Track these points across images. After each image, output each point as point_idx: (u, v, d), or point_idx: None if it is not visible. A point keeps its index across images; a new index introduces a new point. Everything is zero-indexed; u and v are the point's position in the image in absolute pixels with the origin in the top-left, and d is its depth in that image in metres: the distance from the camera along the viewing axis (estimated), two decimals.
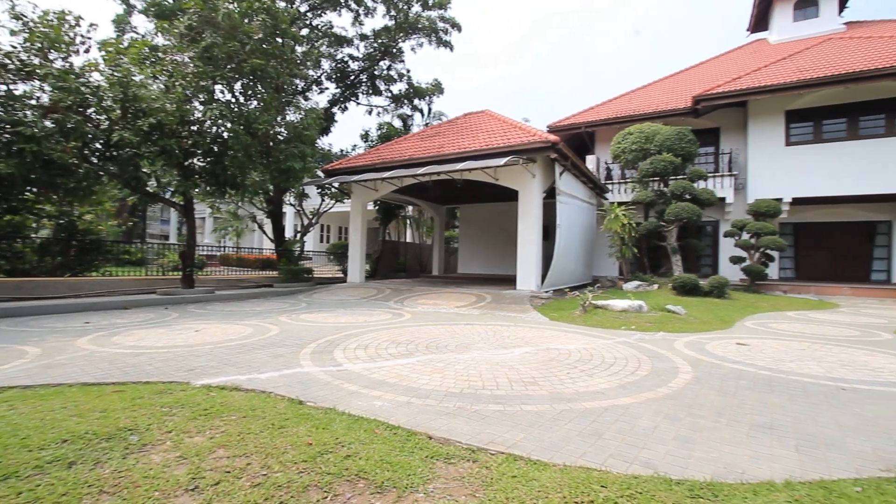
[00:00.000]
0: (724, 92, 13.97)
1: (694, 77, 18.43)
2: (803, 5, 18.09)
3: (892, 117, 13.16)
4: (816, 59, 14.01)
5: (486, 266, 20.57)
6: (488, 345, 5.65)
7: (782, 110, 14.15)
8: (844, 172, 13.20)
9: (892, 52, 12.74)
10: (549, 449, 2.62)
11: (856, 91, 13.15)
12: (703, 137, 15.47)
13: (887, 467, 2.45)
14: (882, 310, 10.19)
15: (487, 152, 11.05)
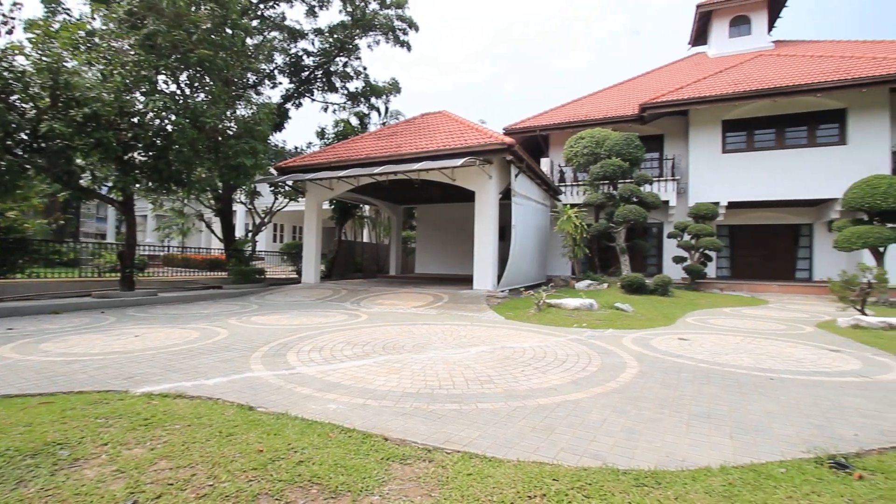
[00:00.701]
0: (668, 101, 14.76)
1: (641, 86, 19.35)
2: (737, 23, 19.44)
3: (812, 129, 14.41)
4: (748, 74, 15.09)
5: (444, 266, 20.66)
6: (445, 344, 5.68)
7: (719, 120, 15.13)
8: (773, 179, 14.31)
9: (813, 71, 13.93)
10: (503, 445, 2.67)
11: (782, 104, 14.28)
12: (649, 143, 16.27)
13: (808, 449, 2.68)
14: (805, 305, 11.12)
15: (445, 153, 11.10)
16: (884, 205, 10.74)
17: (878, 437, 2.89)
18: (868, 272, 8.27)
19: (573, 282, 13.96)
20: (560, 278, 15.58)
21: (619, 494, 2.11)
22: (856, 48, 16.69)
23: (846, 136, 13.85)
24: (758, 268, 15.88)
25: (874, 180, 11.11)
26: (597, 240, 14.66)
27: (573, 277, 14.90)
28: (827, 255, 14.48)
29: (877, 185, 10.95)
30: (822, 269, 14.62)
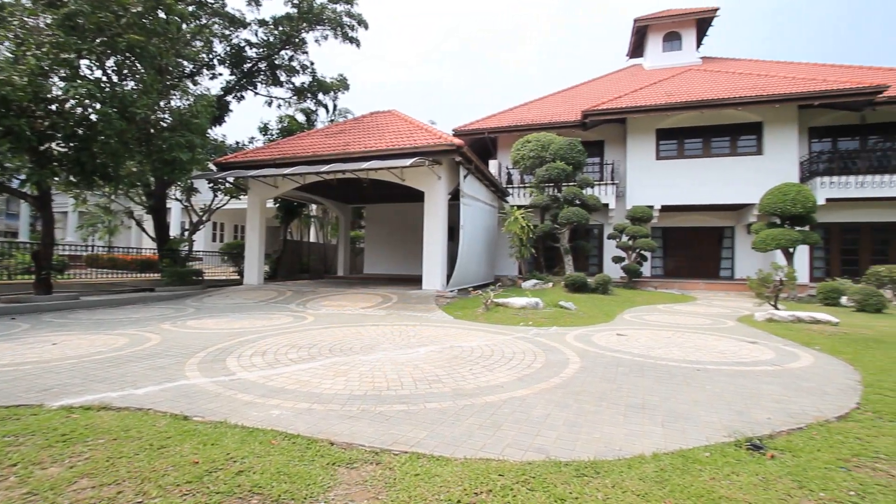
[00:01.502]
0: (607, 109, 15.53)
1: (583, 93, 20.21)
2: (670, 38, 20.80)
3: (734, 140, 15.69)
4: (679, 86, 16.19)
5: (393, 266, 20.51)
6: (394, 345, 5.65)
7: (654, 129, 16.12)
8: (700, 185, 15.44)
9: (734, 87, 15.17)
10: (451, 444, 2.70)
11: (709, 116, 15.44)
12: (591, 148, 17.03)
13: (729, 434, 2.91)
14: (728, 301, 12.08)
15: (394, 152, 11.03)
16: (793, 210, 11.91)
17: (788, 419, 3.20)
18: (780, 271, 9.13)
19: (520, 281, 14.33)
20: (507, 278, 15.94)
21: (562, 486, 2.19)
22: (770, 68, 18.38)
23: (762, 146, 15.20)
24: (687, 267, 17.06)
25: (785, 187, 12.28)
26: (542, 240, 15.14)
27: (520, 277, 15.30)
28: (746, 255, 15.82)
29: (787, 191, 12.12)
30: (742, 269, 15.95)
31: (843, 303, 10.57)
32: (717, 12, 19.57)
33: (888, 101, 13.74)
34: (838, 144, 15.64)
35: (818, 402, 3.60)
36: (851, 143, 15.56)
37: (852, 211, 14.82)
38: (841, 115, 15.11)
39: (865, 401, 3.61)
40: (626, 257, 14.76)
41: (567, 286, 12.15)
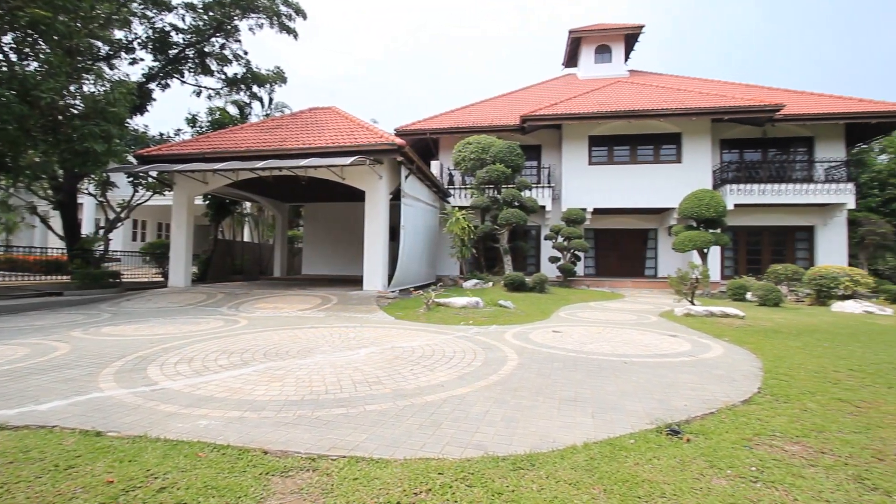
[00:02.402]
0: (544, 115, 16.16)
1: (523, 98, 20.87)
2: (601, 50, 22.03)
3: (657, 149, 16.91)
4: (610, 96, 17.20)
5: (333, 267, 20.02)
6: (333, 347, 5.52)
7: (586, 135, 16.99)
8: (628, 189, 16.48)
9: (658, 99, 16.36)
10: (391, 446, 2.69)
11: (635, 125, 16.53)
12: (529, 152, 17.62)
13: (651, 421, 3.14)
14: (652, 298, 12.99)
15: (334, 150, 10.78)
16: (707, 214, 13.05)
17: (701, 405, 3.50)
18: (696, 270, 9.97)
19: (461, 281, 14.53)
20: (449, 278, 16.10)
21: (499, 480, 2.26)
22: (688, 83, 20.01)
23: (681, 155, 16.52)
24: (616, 266, 18.14)
25: (700, 193, 13.44)
26: (483, 241, 15.44)
27: (461, 277, 15.51)
28: (668, 255, 17.09)
29: (702, 197, 13.27)
30: (664, 267, 17.22)
31: (749, 298, 11.73)
32: (643, 29, 20.98)
33: (784, 119, 15.46)
34: (745, 155, 17.35)
35: (727, 388, 3.97)
36: (755, 154, 17.32)
37: (756, 215, 16.49)
38: (747, 129, 16.76)
39: (765, 385, 4.04)
40: (561, 257, 15.42)
41: (506, 285, 12.48)
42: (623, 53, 21.89)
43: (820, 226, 16.26)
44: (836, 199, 15.34)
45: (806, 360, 4.98)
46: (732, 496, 2.14)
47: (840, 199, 15.31)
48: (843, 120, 15.74)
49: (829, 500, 2.12)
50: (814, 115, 15.64)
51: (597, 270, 18.19)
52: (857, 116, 15.54)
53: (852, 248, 16.14)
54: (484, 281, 13.75)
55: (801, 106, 16.20)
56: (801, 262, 16.10)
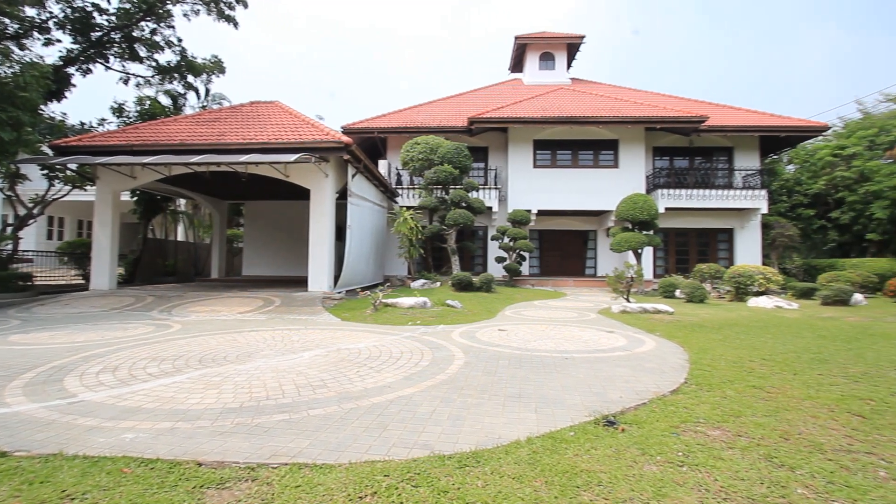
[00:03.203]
0: (491, 118, 16.48)
1: (470, 101, 21.15)
2: (545, 58, 22.79)
3: (597, 154, 17.75)
4: (553, 102, 17.84)
5: (277, 267, 19.29)
6: (275, 351, 5.32)
7: (531, 139, 17.51)
8: (570, 192, 17.18)
9: (597, 107, 17.18)
10: (335, 450, 2.63)
11: (577, 131, 17.25)
12: (476, 154, 17.91)
13: (589, 413, 3.29)
14: (592, 296, 13.62)
15: (277, 147, 10.40)
16: (641, 216, 13.88)
17: (635, 396, 3.72)
18: (631, 269, 10.57)
19: (409, 281, 14.49)
20: (397, 278, 16.00)
21: (445, 478, 2.28)
22: (625, 93, 21.17)
23: (618, 161, 17.45)
24: (559, 266, 18.85)
25: (635, 197, 14.27)
26: (431, 241, 15.49)
27: (409, 277, 15.46)
28: (606, 255, 17.99)
29: (637, 200, 14.10)
30: (603, 267, 18.11)
31: (678, 295, 12.60)
32: (584, 39, 21.94)
33: (708, 130, 16.76)
34: (674, 162, 18.63)
35: (658, 379, 4.24)
36: (683, 162, 18.64)
37: (684, 218, 17.74)
38: (676, 139, 18.00)
39: (690, 376, 4.36)
40: (507, 257, 15.78)
41: (454, 285, 12.60)
42: (566, 61, 22.77)
43: (738, 228, 17.78)
44: (752, 205, 16.84)
45: (726, 352, 5.43)
46: (661, 480, 2.30)
47: (755, 204, 16.83)
48: (758, 132, 17.33)
49: (745, 479, 2.33)
50: (733, 128, 17.09)
51: (541, 270, 18.79)
52: (770, 130, 17.18)
53: (765, 249, 17.79)
54: (432, 281, 13.80)
55: (722, 118, 17.64)
56: (722, 261, 17.53)
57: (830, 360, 5.08)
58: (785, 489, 2.23)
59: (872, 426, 3.08)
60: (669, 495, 2.15)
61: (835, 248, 21.20)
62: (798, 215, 20.42)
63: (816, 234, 20.97)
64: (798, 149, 21.55)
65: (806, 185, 21.03)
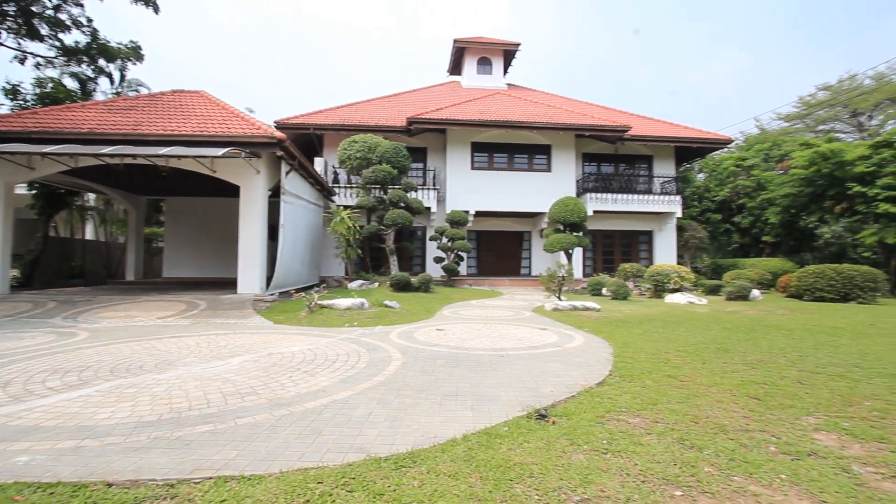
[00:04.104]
0: (430, 119, 16.56)
1: (409, 100, 21.11)
2: (483, 62, 23.30)
3: (531, 158, 18.43)
4: (490, 106, 18.26)
5: (203, 268, 18.09)
6: (200, 358, 4.98)
7: (469, 141, 17.81)
8: (506, 194, 17.68)
9: (532, 113, 17.83)
10: (266, 460, 2.52)
11: (512, 135, 17.79)
12: (415, 154, 17.90)
13: (523, 408, 3.41)
14: (527, 295, 14.11)
15: (203, 139, 9.76)
16: (571, 218, 14.62)
17: (565, 390, 3.90)
18: (563, 268, 11.09)
19: (346, 282, 14.18)
20: (334, 279, 15.60)
21: (381, 481, 2.26)
22: (557, 101, 22.17)
23: (551, 165, 18.23)
24: (496, 266, 19.34)
25: (566, 200, 15.00)
26: (369, 241, 15.27)
27: (346, 278, 15.14)
28: (540, 256, 18.73)
29: (568, 203, 14.82)
30: (537, 267, 18.82)
31: (604, 293, 13.40)
32: (519, 47, 22.71)
33: (631, 139, 18.00)
34: (601, 168, 19.79)
35: (585, 373, 4.49)
36: (610, 168, 19.86)
37: (610, 221, 18.90)
38: (603, 146, 19.13)
39: (614, 368, 4.65)
40: (445, 257, 15.93)
41: (392, 286, 12.51)
42: (502, 67, 23.41)
43: (657, 231, 19.25)
44: (669, 209, 18.31)
45: (646, 345, 5.87)
46: (587, 468, 2.43)
47: (671, 208, 18.31)
48: (673, 143, 18.87)
49: (660, 461, 2.53)
50: (652, 138, 18.48)
51: (478, 270, 19.17)
52: (683, 141, 18.77)
53: (680, 250, 19.42)
54: (370, 281, 13.61)
55: (643, 129, 19.02)
56: (643, 261, 18.88)
57: (732, 349, 5.66)
58: (694, 468, 2.45)
59: (765, 407, 3.47)
60: (595, 481, 2.28)
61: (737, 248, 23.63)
62: (707, 219, 22.53)
63: (722, 237, 23.26)
64: (707, 159, 23.79)
65: (713, 192, 23.27)
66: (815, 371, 4.58)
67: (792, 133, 30.24)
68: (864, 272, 12.46)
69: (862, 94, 27.69)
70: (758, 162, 22.98)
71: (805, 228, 20.45)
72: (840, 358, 5.20)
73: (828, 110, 29.80)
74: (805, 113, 31.02)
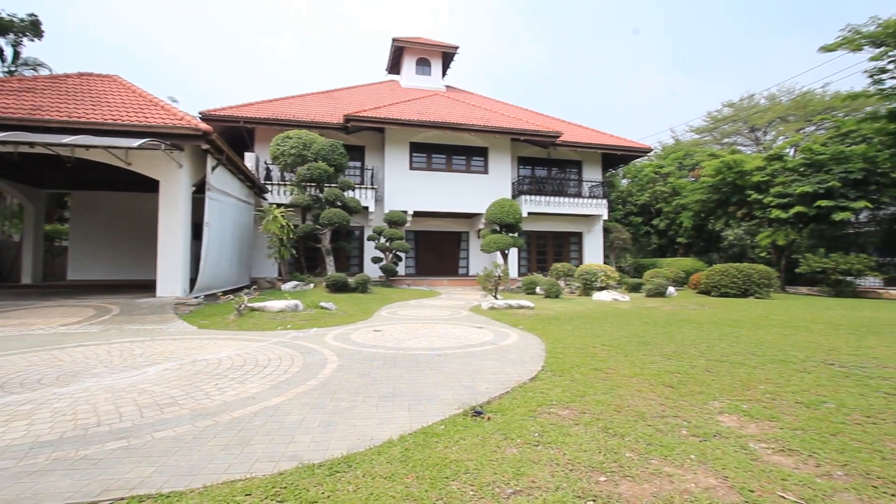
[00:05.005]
0: (368, 117, 16.32)
1: (346, 97, 20.67)
2: (422, 63, 23.36)
3: (469, 160, 18.76)
4: (429, 107, 18.35)
5: (116, 270, 16.55)
6: (111, 368, 4.55)
7: (408, 141, 17.78)
8: (444, 195, 17.85)
9: (470, 116, 18.15)
10: (187, 475, 2.35)
11: (451, 137, 18.00)
12: (352, 153, 17.57)
13: (459, 406, 3.46)
14: (465, 294, 14.33)
15: (116, 128, 8.92)
16: (507, 220, 15.06)
17: (500, 386, 4.01)
18: (499, 268, 11.39)
19: (280, 283, 13.60)
20: (266, 280, 14.90)
21: (314, 488, 2.19)
22: (494, 105, 22.75)
23: (488, 167, 18.67)
24: (434, 266, 19.47)
25: (502, 201, 15.42)
26: (304, 241, 14.75)
27: (280, 279, 14.52)
28: (478, 255, 19.12)
29: (504, 205, 15.25)
30: (475, 266, 19.19)
31: (538, 291, 13.94)
32: (458, 50, 23.01)
33: (563, 144, 18.90)
34: (536, 172, 20.59)
35: (519, 369, 4.65)
36: (543, 171, 20.72)
37: (543, 222, 19.72)
38: (537, 150, 19.92)
39: (546, 364, 4.86)
40: (384, 258, 15.78)
41: (328, 287, 12.18)
42: (441, 69, 23.61)
43: (586, 232, 20.36)
44: (596, 212, 19.43)
45: (575, 341, 6.18)
46: (520, 461, 2.52)
47: (599, 211, 19.45)
48: (601, 150, 20.07)
49: (587, 450, 2.68)
50: (582, 144, 19.52)
51: (417, 270, 19.19)
52: (610, 148, 20.02)
53: (606, 250, 20.69)
54: (305, 282, 13.14)
55: (574, 136, 20.03)
56: (574, 261, 19.90)
57: (651, 342, 6.12)
58: (617, 454, 2.62)
59: (678, 394, 3.80)
60: (527, 473, 2.37)
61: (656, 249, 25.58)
62: (630, 222, 24.20)
63: (643, 238, 25.08)
64: (630, 165, 25.57)
65: (636, 197, 25.04)
66: (720, 360, 5.07)
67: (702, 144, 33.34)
68: (761, 270, 14.00)
69: (758, 112, 31.10)
70: (673, 170, 25.05)
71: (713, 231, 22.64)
72: (740, 347, 5.81)
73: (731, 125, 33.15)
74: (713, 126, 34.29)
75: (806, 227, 17.55)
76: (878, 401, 3.64)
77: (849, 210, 15.59)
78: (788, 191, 16.84)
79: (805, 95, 28.76)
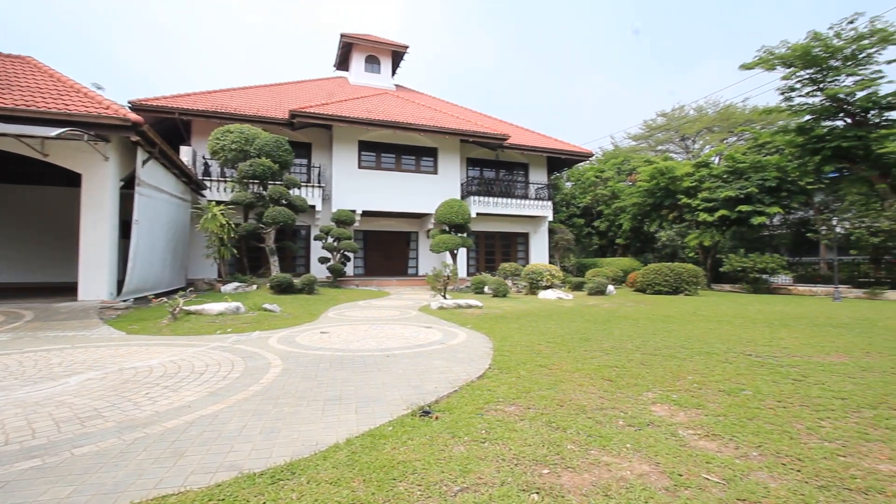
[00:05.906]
0: (315, 113, 15.87)
1: (292, 92, 19.98)
2: (371, 61, 23.05)
3: (419, 160, 18.75)
4: (378, 106, 18.15)
5: (29, 272, 15.03)
6: (23, 380, 4.13)
7: (356, 140, 17.49)
8: (394, 195, 17.73)
9: (419, 116, 18.14)
10: (112, 492, 2.18)
11: (400, 136, 17.90)
12: (298, 150, 17.02)
13: (407, 406, 3.46)
14: (413, 294, 14.30)
15: (30, 115, 8.10)
16: (456, 220, 15.21)
17: (448, 386, 4.05)
18: (448, 268, 11.48)
19: (219, 285, 12.92)
20: (204, 281, 14.10)
21: (255, 497, 2.11)
22: (444, 106, 22.88)
23: (438, 168, 18.75)
24: (383, 266, 19.28)
25: (452, 202, 15.55)
26: (246, 240, 14.10)
27: (219, 280, 13.79)
28: (427, 255, 19.14)
29: (453, 205, 15.38)
30: (424, 266, 19.20)
31: (486, 291, 14.17)
32: (408, 50, 22.93)
33: (510, 147, 19.36)
34: (484, 173, 20.92)
35: (468, 368, 4.71)
36: (491, 173, 21.10)
37: (491, 223, 20.08)
38: (486, 152, 20.26)
39: (493, 362, 4.96)
40: (331, 258, 15.42)
41: (273, 288, 11.73)
42: (391, 68, 23.41)
43: (532, 233, 20.97)
44: (542, 213, 20.07)
45: (522, 338, 6.35)
46: (467, 458, 2.56)
47: (544, 213, 20.10)
48: (546, 153, 20.73)
49: (531, 444, 2.76)
50: (529, 147, 20.08)
51: (366, 270, 18.91)
52: (554, 152, 20.72)
53: (551, 250, 21.41)
54: (247, 284, 12.57)
55: (521, 139, 20.56)
56: (521, 260, 20.42)
57: (592, 338, 6.41)
58: (559, 447, 2.72)
59: (616, 387, 4.00)
60: (473, 470, 2.41)
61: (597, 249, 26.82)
62: (573, 223, 25.21)
63: (585, 239, 26.21)
64: (574, 169, 26.63)
65: (578, 199, 26.12)
66: (654, 353, 5.41)
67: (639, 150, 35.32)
68: (690, 269, 15.06)
69: (687, 122, 33.41)
70: (612, 174, 26.39)
71: (648, 232, 24.07)
72: (672, 341, 6.22)
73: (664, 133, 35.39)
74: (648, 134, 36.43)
75: (729, 229, 19.10)
76: (787, 387, 4.03)
77: (765, 215, 17.14)
78: (714, 196, 18.25)
79: (728, 108, 31.25)
